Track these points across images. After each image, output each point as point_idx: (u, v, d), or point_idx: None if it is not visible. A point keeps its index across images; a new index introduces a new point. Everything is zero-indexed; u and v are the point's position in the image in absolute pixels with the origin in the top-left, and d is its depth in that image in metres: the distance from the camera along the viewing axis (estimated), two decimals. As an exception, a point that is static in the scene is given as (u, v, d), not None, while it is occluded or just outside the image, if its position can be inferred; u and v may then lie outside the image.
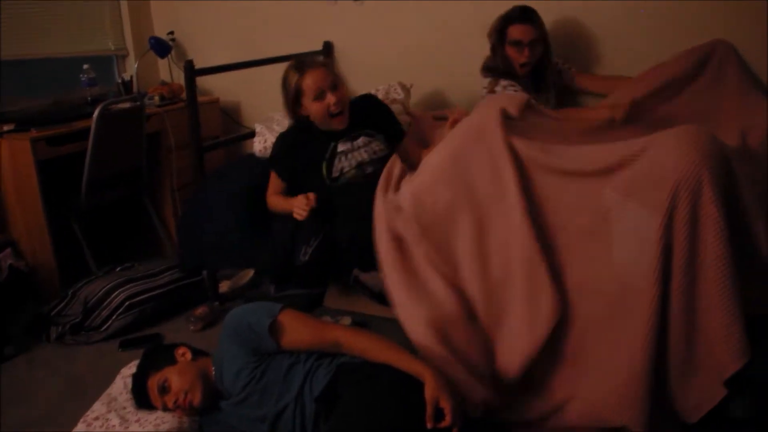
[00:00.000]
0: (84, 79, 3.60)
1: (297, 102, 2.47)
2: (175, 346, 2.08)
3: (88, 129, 3.03)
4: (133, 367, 2.18)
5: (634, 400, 1.75)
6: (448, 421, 1.63)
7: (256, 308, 1.95)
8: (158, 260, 3.23)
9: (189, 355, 2.03)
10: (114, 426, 1.98)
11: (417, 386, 1.69)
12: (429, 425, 1.62)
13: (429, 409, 1.63)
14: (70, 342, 2.78)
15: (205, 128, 3.50)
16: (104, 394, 2.17)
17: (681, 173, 1.73)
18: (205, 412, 1.98)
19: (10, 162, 3.00)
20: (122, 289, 2.86)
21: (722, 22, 2.74)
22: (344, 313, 2.73)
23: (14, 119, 3.15)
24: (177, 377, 1.95)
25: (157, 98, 3.74)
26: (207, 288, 3.02)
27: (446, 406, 1.64)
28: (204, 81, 4.03)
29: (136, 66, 4.01)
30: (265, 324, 1.87)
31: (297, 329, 1.90)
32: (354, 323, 2.66)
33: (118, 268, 3.06)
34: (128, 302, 2.83)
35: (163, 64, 4.23)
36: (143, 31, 4.17)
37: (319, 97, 2.42)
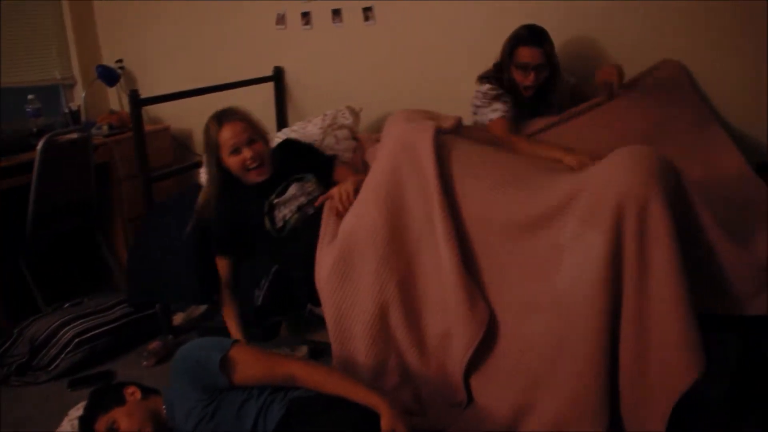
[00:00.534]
0: (29, 109, 3.51)
1: (216, 160, 2.46)
2: (123, 385, 2.01)
3: (33, 161, 2.94)
4: (80, 409, 2.10)
5: (591, 411, 1.78)
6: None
7: (206, 344, 1.91)
8: (110, 294, 3.15)
9: (138, 394, 1.97)
10: (60, 472, 1.90)
11: (373, 418, 1.67)
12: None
13: (385, 441, 1.61)
14: (15, 383, 2.68)
15: (156, 157, 3.47)
16: (51, 438, 2.09)
17: (626, 190, 1.77)
18: (157, 454, 1.91)
19: (-50, 197, 2.90)
20: (71, 326, 2.78)
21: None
22: (302, 342, 2.68)
23: (-45, 153, 3.05)
24: (126, 418, 1.88)
25: (105, 127, 3.67)
26: (160, 321, 2.94)
27: (402, 437, 1.62)
28: (155, 109, 3.97)
29: (83, 95, 3.93)
30: (215, 360, 1.83)
31: (249, 364, 1.86)
32: (312, 351, 2.62)
33: (67, 305, 2.98)
34: (77, 339, 2.75)
35: (112, 93, 4.16)
36: (91, 59, 4.09)
37: (235, 152, 2.40)
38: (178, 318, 3.03)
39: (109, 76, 3.85)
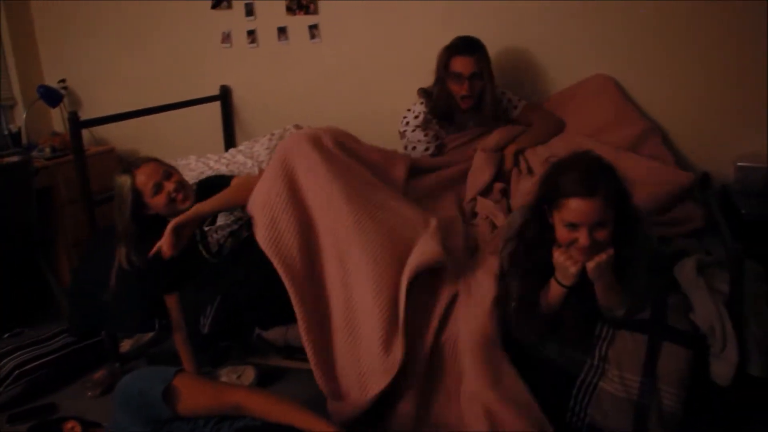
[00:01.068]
0: (-34, 133, 3.41)
1: (141, 205, 2.40)
2: (63, 420, 1.94)
3: (-32, 188, 2.85)
4: (19, 446, 2.02)
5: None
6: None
7: (148, 374, 1.85)
8: (52, 323, 3.05)
9: (78, 429, 1.90)
10: None
11: (319, 446, 1.64)
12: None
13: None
14: (-49, 420, 2.57)
15: (102, 179, 3.38)
16: (-14, 479, 2.01)
17: None
18: (98, 491, 1.85)
19: None
20: (10, 357, 2.68)
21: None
22: (251, 364, 2.64)
23: None
24: (64, 456, 1.82)
25: (48, 150, 3.58)
26: (107, 349, 2.86)
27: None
28: (100, 130, 3.90)
29: (24, 116, 3.82)
30: (158, 390, 1.77)
31: (193, 394, 1.81)
32: (260, 375, 2.58)
33: (6, 335, 2.87)
34: (17, 371, 2.64)
35: (56, 114, 4.05)
36: (32, 79, 3.99)
37: (157, 190, 2.39)
38: (126, 345, 2.95)
39: (52, 96, 3.76)
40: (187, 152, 3.34)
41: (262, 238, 2.15)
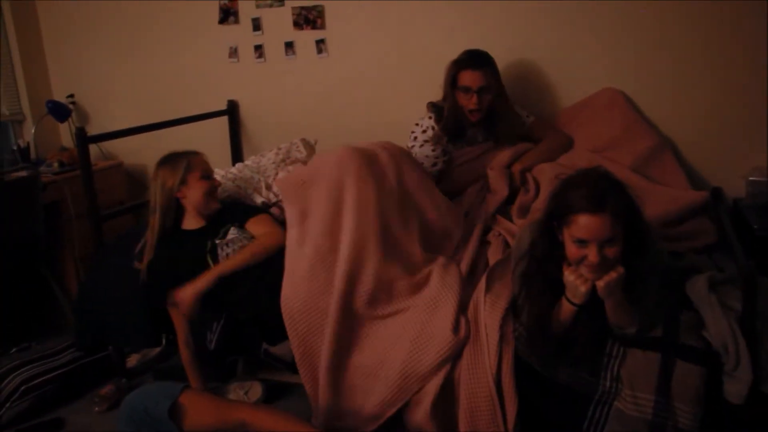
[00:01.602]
0: (-25, 147, 3.42)
1: (183, 181, 2.49)
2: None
3: (-23, 201, 2.86)
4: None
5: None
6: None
7: (154, 391, 1.85)
8: (59, 337, 3.03)
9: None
10: None
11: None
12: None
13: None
14: (-42, 436, 2.56)
15: (109, 194, 3.40)
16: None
17: None
18: None
19: None
20: (17, 372, 2.66)
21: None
22: (258, 379, 2.63)
23: None
24: (70, 473, 1.81)
25: (56, 165, 3.59)
26: (114, 364, 2.85)
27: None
28: (108, 145, 3.90)
29: (33, 131, 3.84)
30: (164, 407, 1.76)
31: (199, 411, 1.80)
32: (268, 390, 2.57)
33: (14, 350, 2.86)
34: (24, 387, 2.62)
35: (64, 128, 4.06)
36: (41, 94, 4.00)
37: (206, 176, 2.54)
38: (133, 360, 2.94)
39: (60, 111, 3.77)
40: (195, 167, 3.33)
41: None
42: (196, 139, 3.68)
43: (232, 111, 3.61)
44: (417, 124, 2.86)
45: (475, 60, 2.70)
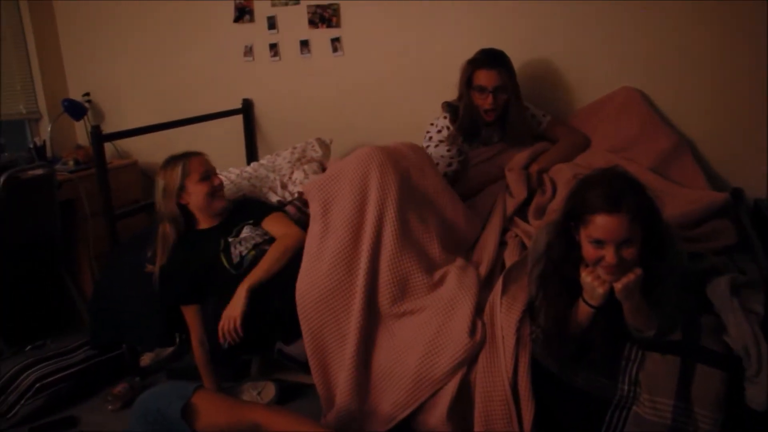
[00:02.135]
0: (-8, 145, 3.44)
1: (181, 188, 2.49)
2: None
3: (-6, 199, 2.86)
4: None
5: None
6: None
7: (167, 391, 1.84)
8: (74, 336, 3.04)
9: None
10: None
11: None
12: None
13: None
14: (-28, 432, 2.57)
15: (124, 192, 3.40)
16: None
17: None
18: None
19: None
20: (32, 370, 2.67)
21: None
22: (272, 380, 2.62)
23: None
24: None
25: (71, 163, 3.60)
26: (127, 362, 2.85)
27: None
28: (124, 143, 3.91)
29: (49, 130, 3.86)
30: (177, 408, 1.75)
31: (212, 412, 1.79)
32: (281, 390, 2.55)
33: (28, 347, 2.86)
34: (38, 384, 2.63)
35: (79, 127, 4.08)
36: (57, 93, 4.03)
37: (205, 177, 2.51)
38: (146, 359, 2.94)
39: (76, 109, 3.80)
40: (210, 165, 3.33)
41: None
42: (210, 138, 3.70)
43: (247, 110, 3.61)
44: (432, 124, 2.83)
45: (491, 59, 2.67)
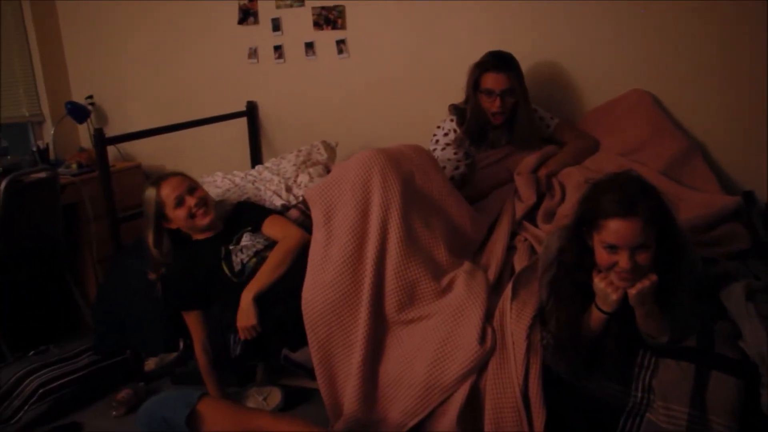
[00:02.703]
0: (-5, 148, 3.42)
1: (162, 216, 2.48)
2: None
3: (-4, 202, 2.84)
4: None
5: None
6: None
7: (171, 398, 1.82)
8: (78, 340, 3.02)
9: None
10: None
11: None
12: None
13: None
14: (-25, 439, 2.54)
15: (127, 195, 3.37)
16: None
17: None
18: None
19: None
20: (35, 375, 2.64)
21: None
22: (278, 385, 2.59)
23: None
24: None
25: (74, 166, 3.58)
26: (131, 367, 2.82)
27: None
28: (127, 146, 3.89)
29: (52, 132, 3.84)
30: (182, 415, 1.73)
31: (217, 420, 1.77)
32: (286, 395, 2.53)
33: (32, 353, 2.84)
34: (42, 390, 2.60)
35: (82, 130, 4.06)
36: (60, 95, 4.01)
37: (179, 203, 2.46)
38: (150, 364, 2.91)
39: (79, 112, 3.78)
40: (214, 168, 3.31)
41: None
42: (214, 141, 3.69)
43: (251, 112, 3.58)
44: (439, 127, 2.81)
45: (499, 62, 2.64)
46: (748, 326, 1.75)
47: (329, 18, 3.30)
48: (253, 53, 3.55)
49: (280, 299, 2.21)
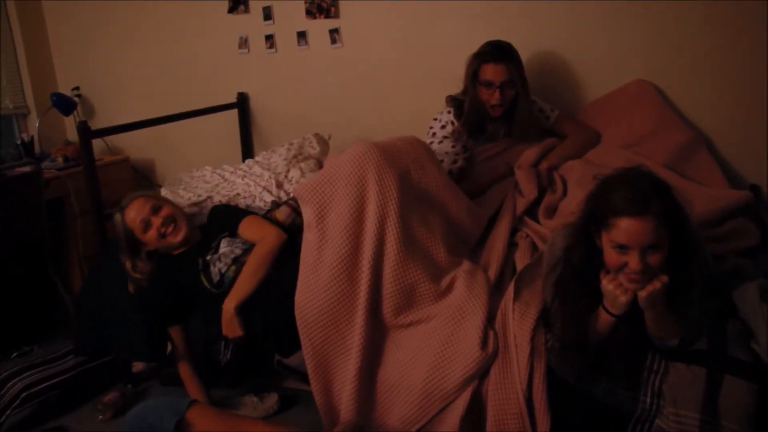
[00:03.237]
0: (-24, 142, 3.32)
1: (137, 241, 2.45)
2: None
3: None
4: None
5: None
6: None
7: (160, 406, 1.76)
8: (64, 341, 2.93)
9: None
10: None
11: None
12: None
13: None
14: (-44, 445, 2.46)
15: (116, 189, 3.29)
16: None
17: None
18: None
19: None
20: (18, 378, 2.56)
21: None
22: (272, 389, 2.53)
23: None
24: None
25: (60, 160, 3.49)
26: (118, 369, 2.74)
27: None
28: (114, 139, 3.80)
29: (37, 125, 3.73)
30: (170, 424, 1.68)
31: (206, 427, 1.71)
32: (282, 399, 2.47)
33: (15, 354, 2.76)
34: (25, 393, 2.52)
35: (69, 122, 3.96)
36: (46, 87, 3.91)
37: (146, 226, 2.42)
38: (138, 365, 2.83)
39: (65, 104, 3.70)
40: (203, 162, 3.22)
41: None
42: (204, 134, 3.60)
43: (242, 104, 3.50)
44: (435, 119, 2.72)
45: (498, 53, 2.55)
46: (762, 327, 1.68)
47: (322, 6, 3.21)
48: (243, 43, 3.45)
49: (270, 304, 2.14)
